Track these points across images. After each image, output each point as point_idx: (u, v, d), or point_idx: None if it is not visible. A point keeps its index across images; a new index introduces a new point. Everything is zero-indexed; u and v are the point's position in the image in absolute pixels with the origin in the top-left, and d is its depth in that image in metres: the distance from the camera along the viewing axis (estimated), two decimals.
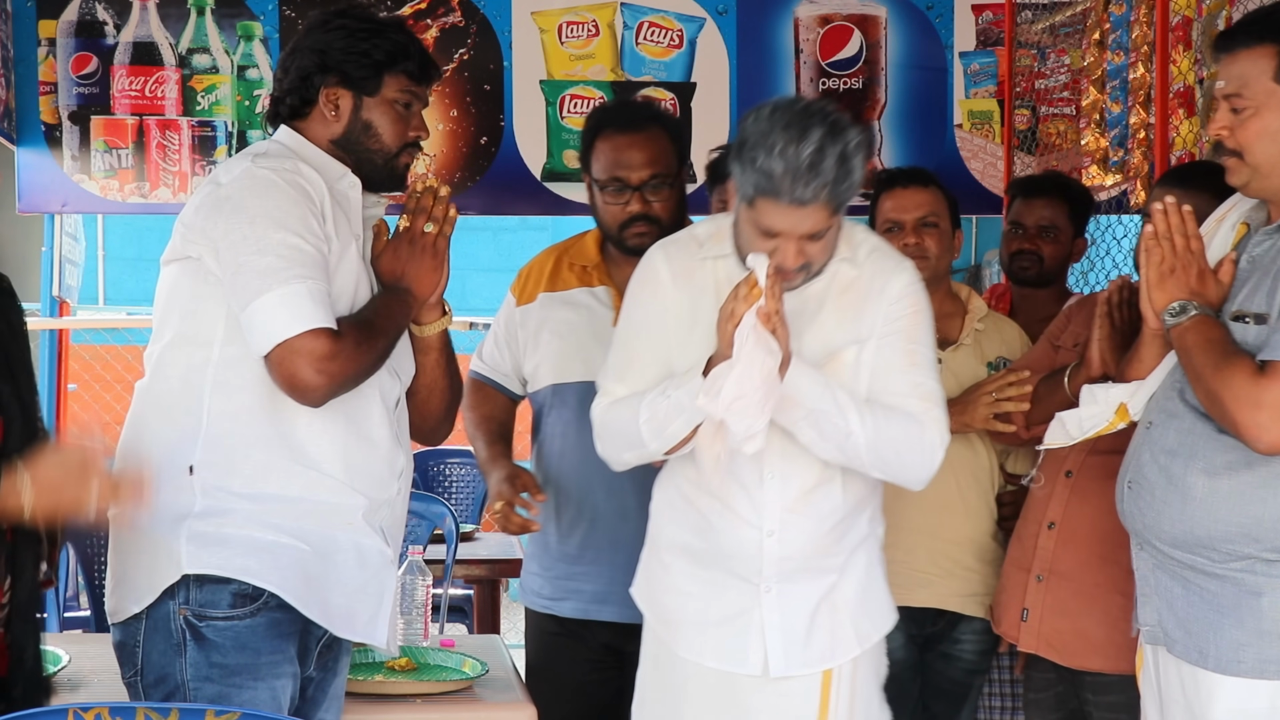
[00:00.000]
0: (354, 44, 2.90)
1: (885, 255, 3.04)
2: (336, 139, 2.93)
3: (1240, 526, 2.71)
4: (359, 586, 2.85)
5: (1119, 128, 4.56)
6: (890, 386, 2.93)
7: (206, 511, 2.76)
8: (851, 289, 2.97)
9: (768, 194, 2.78)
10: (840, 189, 2.78)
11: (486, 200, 5.91)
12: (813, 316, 2.96)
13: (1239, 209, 2.91)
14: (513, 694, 3.30)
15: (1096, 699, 3.39)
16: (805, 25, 5.96)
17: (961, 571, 3.64)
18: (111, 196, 5.72)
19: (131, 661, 2.80)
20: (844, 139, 2.78)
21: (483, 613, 5.70)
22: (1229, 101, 2.76)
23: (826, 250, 2.91)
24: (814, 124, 2.77)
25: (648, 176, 3.53)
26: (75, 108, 5.70)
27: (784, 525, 2.96)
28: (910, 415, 2.91)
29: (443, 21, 5.80)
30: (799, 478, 2.96)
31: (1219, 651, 2.74)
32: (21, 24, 5.65)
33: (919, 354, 2.97)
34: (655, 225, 3.52)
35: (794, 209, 2.78)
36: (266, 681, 2.74)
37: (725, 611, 3.01)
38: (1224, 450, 2.73)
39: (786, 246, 2.83)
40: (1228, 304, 2.80)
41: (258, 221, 2.74)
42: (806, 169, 2.74)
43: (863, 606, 3.04)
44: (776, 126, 2.77)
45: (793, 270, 2.86)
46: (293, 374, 2.71)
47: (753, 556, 2.97)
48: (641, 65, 5.86)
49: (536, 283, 3.71)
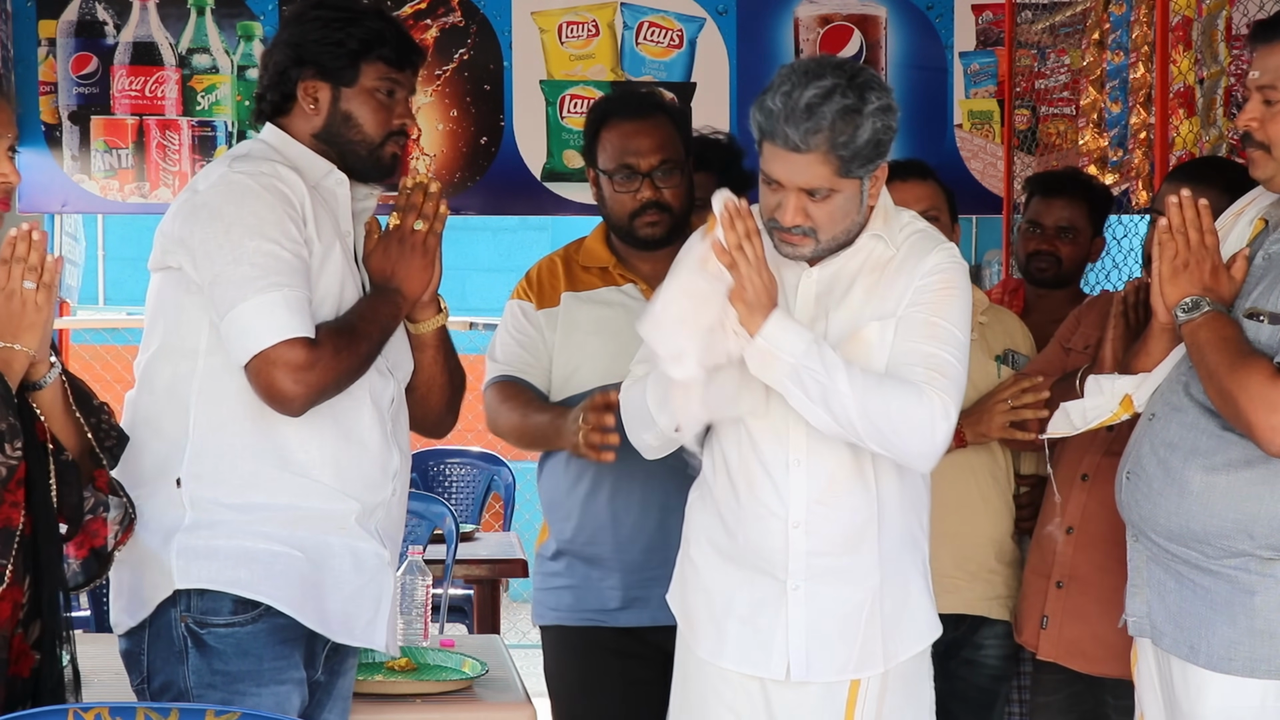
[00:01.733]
0: (328, 34, 2.85)
1: (927, 237, 2.90)
2: (318, 133, 2.88)
3: (1236, 523, 2.70)
4: (356, 591, 2.82)
5: (1119, 128, 4.56)
6: (902, 357, 2.79)
7: (196, 524, 2.73)
8: (885, 267, 2.85)
9: (766, 135, 2.71)
10: (840, 142, 2.67)
11: (486, 200, 5.91)
12: (843, 294, 2.85)
13: (1258, 204, 2.88)
14: (513, 694, 3.30)
15: (1117, 703, 3.37)
16: (805, 25, 5.96)
17: (986, 574, 3.60)
18: (111, 196, 5.72)
19: (138, 669, 2.80)
20: (859, 95, 2.67)
21: (483, 613, 5.69)
22: (1262, 93, 2.72)
23: (836, 218, 2.77)
24: (829, 74, 2.68)
25: (657, 162, 3.44)
26: (75, 108, 5.70)
27: (811, 517, 2.83)
28: (911, 384, 2.74)
29: (443, 21, 5.80)
30: (827, 466, 2.83)
31: (1210, 648, 2.74)
32: (21, 24, 5.65)
33: (941, 329, 2.80)
34: (667, 213, 3.45)
35: (789, 155, 2.68)
36: (270, 688, 2.73)
37: (749, 609, 2.89)
38: (1225, 447, 2.72)
39: (786, 200, 2.73)
40: (1240, 300, 2.78)
41: (233, 229, 2.70)
42: (803, 112, 2.65)
43: (897, 623, 2.90)
44: (795, 71, 2.70)
45: (791, 230, 2.75)
46: (270, 384, 2.68)
47: (779, 550, 2.84)
48: (641, 65, 5.86)
49: (553, 284, 3.56)
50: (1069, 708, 3.50)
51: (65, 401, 2.60)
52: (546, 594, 3.60)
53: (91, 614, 4.94)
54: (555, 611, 3.57)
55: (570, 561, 3.54)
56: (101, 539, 2.65)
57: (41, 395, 2.57)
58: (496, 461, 7.07)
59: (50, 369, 2.57)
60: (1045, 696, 3.55)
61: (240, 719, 2.22)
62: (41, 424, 2.56)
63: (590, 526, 3.50)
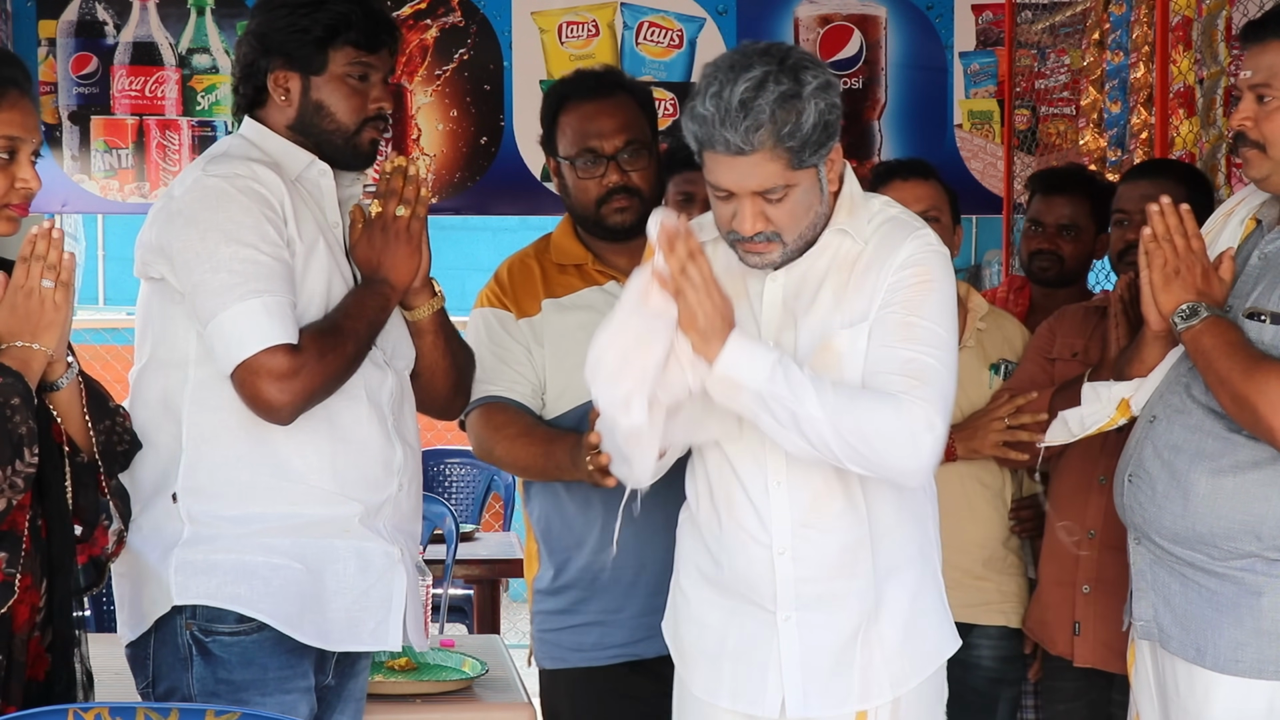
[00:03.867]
0: (292, 22, 2.77)
1: (899, 225, 2.64)
2: (292, 124, 2.82)
3: (1243, 524, 2.69)
4: (361, 594, 2.77)
5: (1119, 128, 4.56)
6: (877, 365, 2.55)
7: (194, 538, 2.70)
8: (854, 265, 2.61)
9: (704, 144, 2.49)
10: (784, 133, 2.45)
11: (486, 200, 5.91)
12: (811, 298, 2.62)
13: (1248, 204, 2.87)
14: (512, 694, 3.30)
15: (1120, 698, 3.35)
16: (805, 25, 5.97)
17: (970, 581, 3.52)
18: (111, 196, 5.72)
19: (143, 673, 2.78)
20: (793, 79, 2.46)
21: (483, 613, 5.69)
22: (1255, 91, 2.70)
23: (798, 215, 2.55)
24: (757, 63, 2.46)
25: (622, 144, 3.17)
26: (75, 108, 5.70)
27: (797, 542, 2.63)
28: (889, 396, 2.50)
29: (443, 21, 5.80)
30: (810, 486, 2.62)
31: (1217, 650, 2.73)
32: (21, 24, 5.65)
33: (919, 328, 2.55)
34: (636, 198, 3.17)
35: (734, 160, 2.47)
36: (275, 697, 2.70)
37: (741, 644, 2.69)
38: (1233, 449, 2.70)
39: (741, 208, 2.51)
40: (1237, 300, 2.76)
41: (209, 236, 2.65)
42: (737, 110, 2.43)
43: (902, 646, 2.68)
44: (719, 69, 2.48)
45: (752, 238, 2.54)
46: (255, 394, 2.63)
47: (765, 579, 2.64)
48: (641, 65, 5.86)
49: (530, 289, 3.26)
50: (1089, 714, 3.47)
51: (81, 403, 2.57)
52: (563, 634, 3.24)
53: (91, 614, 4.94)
54: (579, 653, 3.22)
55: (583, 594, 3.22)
56: (99, 547, 2.64)
57: (58, 396, 2.54)
58: None
59: (68, 369, 2.54)
60: (1065, 704, 3.51)
61: (240, 719, 2.22)
62: (58, 425, 2.55)
63: (605, 552, 3.12)
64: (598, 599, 3.21)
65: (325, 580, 2.75)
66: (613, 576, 3.18)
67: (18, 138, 2.50)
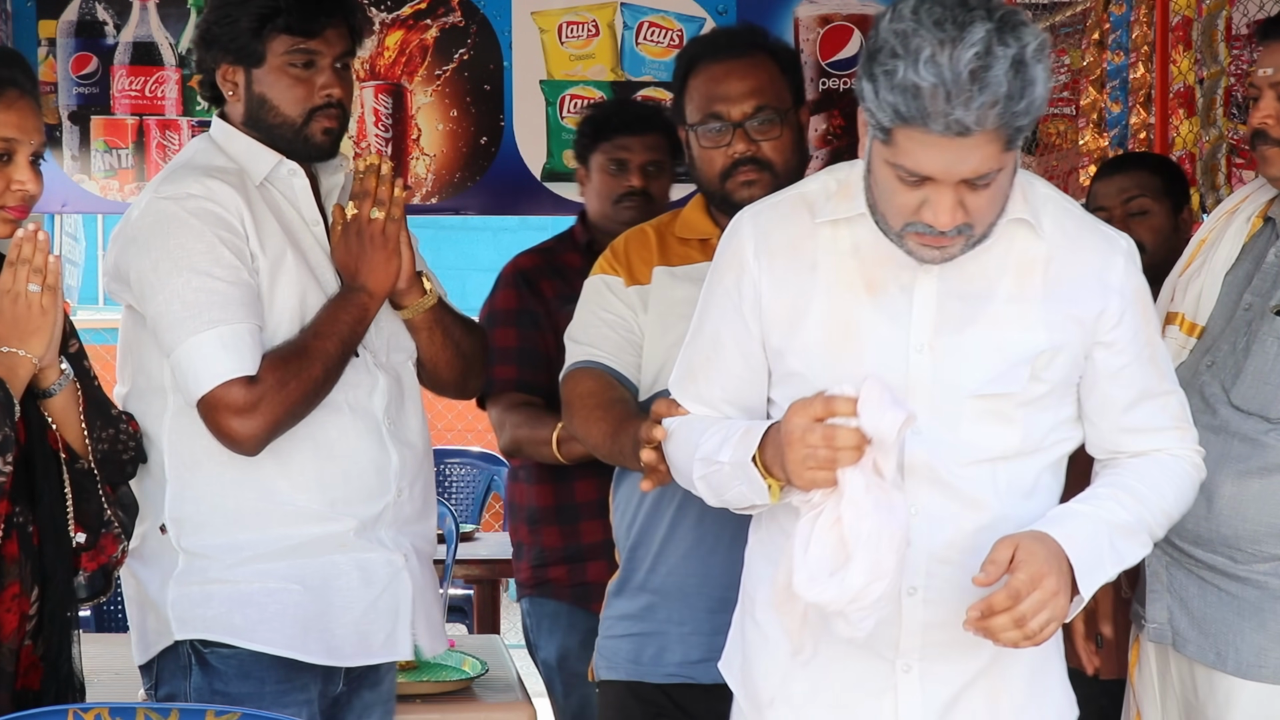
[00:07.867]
0: (224, 14, 2.70)
1: (1085, 226, 2.30)
2: (244, 120, 2.75)
3: (1270, 527, 2.65)
4: (368, 607, 2.74)
5: (1119, 128, 4.56)
6: (1146, 421, 2.29)
7: (189, 569, 2.68)
8: (1037, 268, 2.23)
9: (913, 121, 2.04)
10: (1016, 110, 2.04)
11: (486, 200, 5.90)
12: (981, 301, 2.22)
13: (1253, 201, 2.83)
14: (513, 694, 3.30)
15: None
16: (805, 25, 5.96)
17: None
18: (111, 196, 5.71)
19: (149, 675, 2.79)
20: (1019, 39, 2.05)
21: (483, 613, 5.69)
22: (1275, 89, 2.66)
23: (996, 203, 2.15)
24: (976, 18, 2.04)
25: (751, 110, 2.82)
26: (75, 108, 5.70)
27: (930, 579, 2.22)
28: (1176, 463, 2.31)
29: (443, 21, 5.80)
30: (958, 516, 2.22)
31: (1239, 655, 2.69)
32: (21, 24, 5.65)
33: (1161, 362, 2.32)
34: (766, 171, 2.82)
35: (951, 141, 2.04)
36: (272, 711, 2.66)
37: (843, 696, 2.29)
38: (1261, 452, 2.66)
39: (939, 198, 2.10)
40: (1260, 300, 2.71)
41: (161, 265, 2.61)
42: (968, 81, 2.01)
43: (1031, 698, 2.35)
44: (924, 25, 2.04)
45: (948, 234, 2.13)
46: (219, 428, 2.60)
47: (887, 622, 2.19)
48: (641, 65, 5.86)
49: (644, 257, 2.93)
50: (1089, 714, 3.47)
51: (79, 410, 2.54)
52: (620, 641, 3.00)
53: (91, 614, 4.93)
54: (636, 665, 2.97)
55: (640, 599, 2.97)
56: (107, 555, 2.62)
57: (53, 403, 2.52)
58: (496, 461, 7.05)
59: (61, 375, 2.51)
60: None
61: (240, 719, 2.22)
62: (53, 432, 2.54)
63: (671, 555, 2.93)
64: (660, 608, 2.94)
65: (329, 597, 2.71)
66: (672, 584, 2.92)
67: (14, 139, 2.47)
